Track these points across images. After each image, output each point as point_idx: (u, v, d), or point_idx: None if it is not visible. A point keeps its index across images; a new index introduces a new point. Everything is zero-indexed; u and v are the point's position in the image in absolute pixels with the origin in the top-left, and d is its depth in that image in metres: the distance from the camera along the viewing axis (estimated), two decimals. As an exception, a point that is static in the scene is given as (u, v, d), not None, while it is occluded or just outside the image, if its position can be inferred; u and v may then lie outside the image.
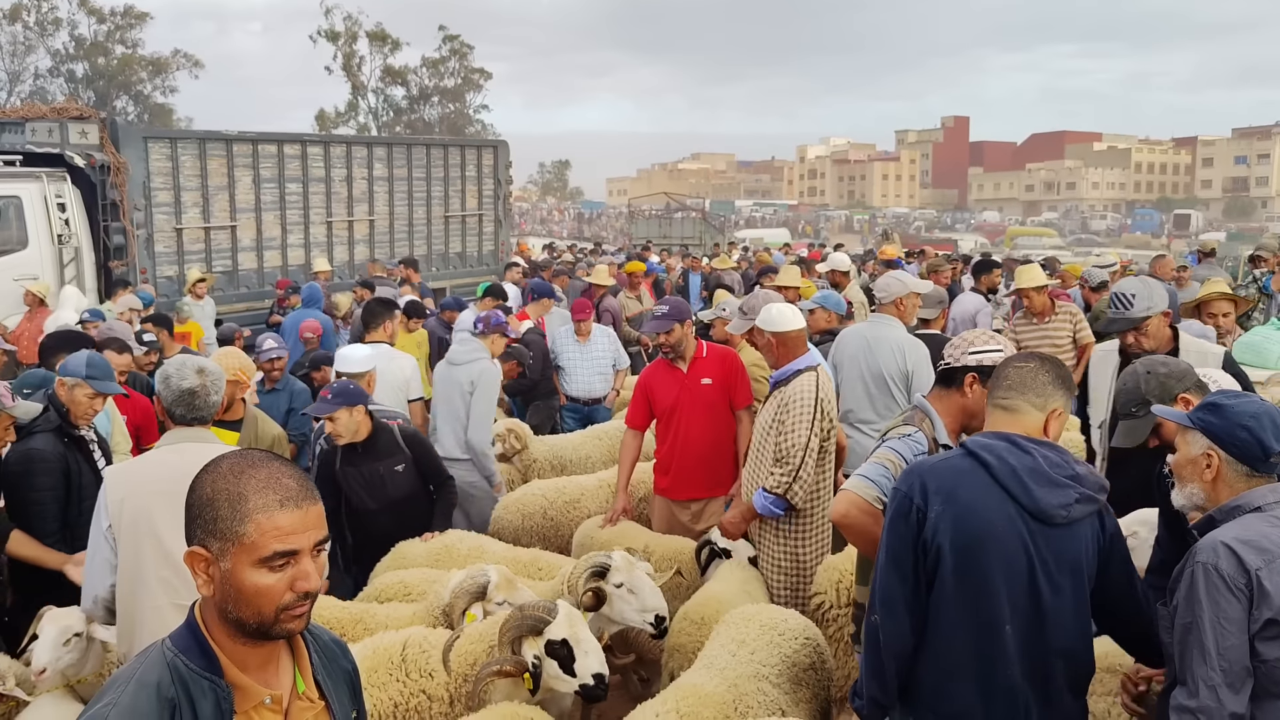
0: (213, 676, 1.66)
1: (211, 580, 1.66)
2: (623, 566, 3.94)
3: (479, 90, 59.93)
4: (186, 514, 1.68)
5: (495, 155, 17.72)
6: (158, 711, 1.60)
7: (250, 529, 1.62)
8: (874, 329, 5.83)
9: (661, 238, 29.82)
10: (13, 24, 51.64)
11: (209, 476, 1.68)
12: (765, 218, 67.27)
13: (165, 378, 3.40)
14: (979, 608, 2.49)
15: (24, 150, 11.77)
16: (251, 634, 1.67)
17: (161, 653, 1.68)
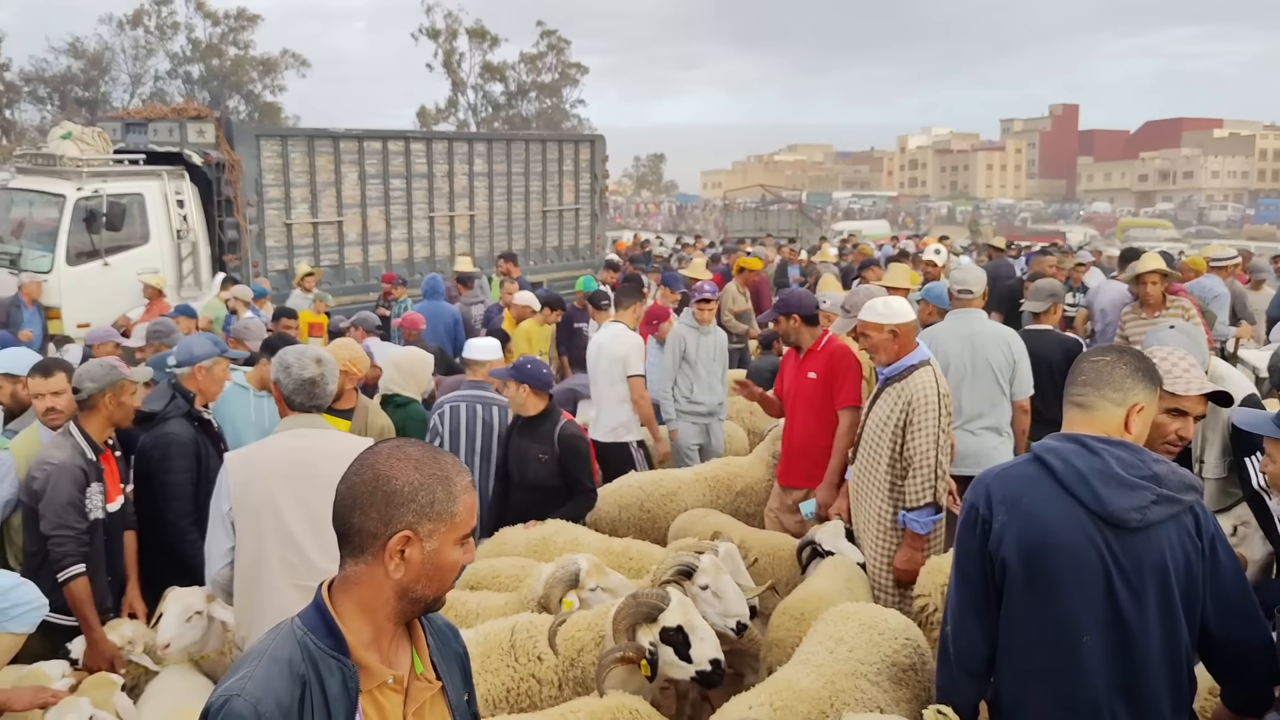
0: (340, 656, 1.71)
1: (407, 563, 1.71)
2: (709, 569, 3.92)
3: (575, 85, 60.48)
4: (388, 501, 1.70)
5: (592, 149, 17.87)
6: (290, 687, 1.65)
7: (460, 509, 1.74)
8: (968, 324, 5.67)
9: (757, 230, 29.63)
10: (134, 29, 54.16)
11: (405, 464, 1.72)
12: (864, 209, 66.10)
13: (285, 366, 3.52)
14: (1052, 619, 2.39)
15: (146, 149, 12.35)
16: (421, 610, 1.78)
17: (291, 631, 1.73)
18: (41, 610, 3.02)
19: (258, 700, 1.62)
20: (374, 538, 1.70)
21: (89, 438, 4.09)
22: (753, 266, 10.70)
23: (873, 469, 4.55)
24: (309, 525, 3.41)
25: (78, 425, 4.11)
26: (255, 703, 1.62)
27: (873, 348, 4.53)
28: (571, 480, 5.15)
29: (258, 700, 1.62)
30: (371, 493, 1.70)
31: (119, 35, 54.01)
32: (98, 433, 4.13)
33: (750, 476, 6.02)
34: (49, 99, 53.40)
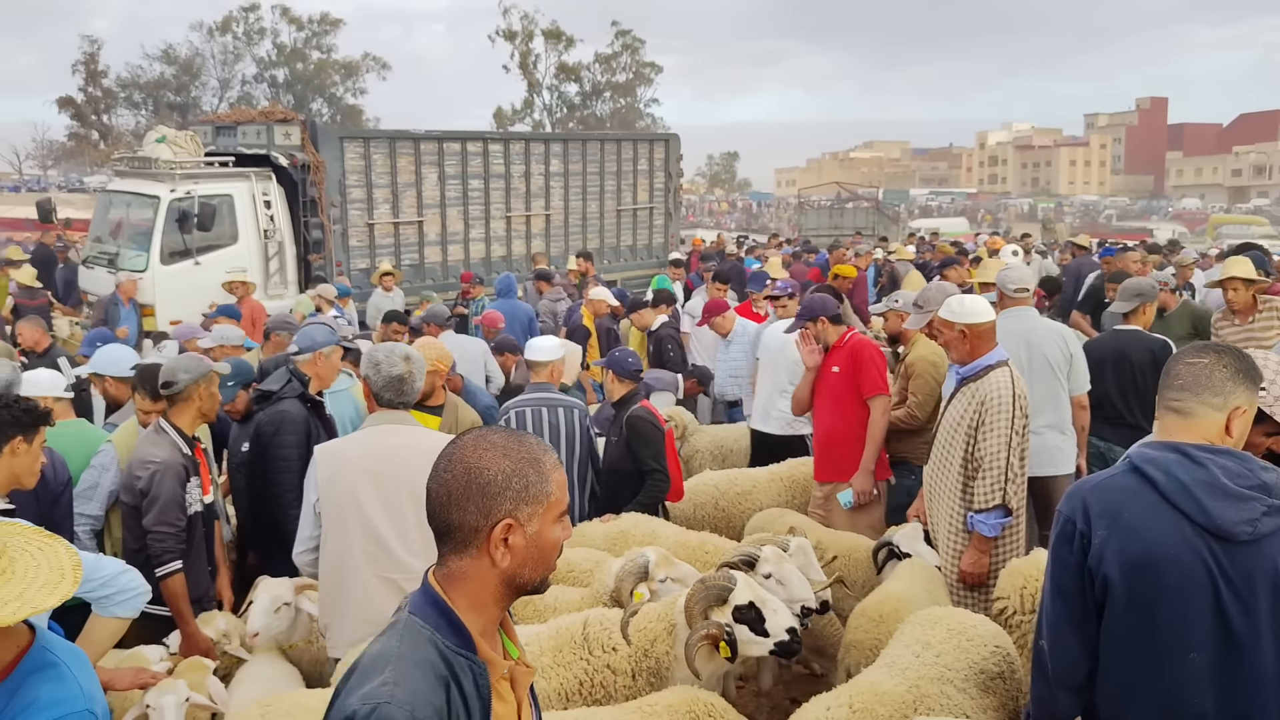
0: (470, 654, 1.70)
1: (511, 550, 1.70)
2: (771, 559, 3.95)
3: (649, 84, 60.63)
4: (484, 491, 1.69)
5: (666, 149, 17.91)
6: (439, 689, 1.62)
7: (553, 487, 1.74)
8: (1021, 320, 5.56)
9: (832, 228, 29.34)
10: (223, 35, 55.91)
11: (493, 453, 1.71)
12: (942, 206, 64.96)
13: (376, 364, 3.62)
14: (1157, 635, 2.31)
15: (235, 152, 12.75)
16: (528, 592, 1.77)
17: (418, 631, 1.69)
18: (145, 596, 3.15)
19: (414, 707, 1.57)
20: (476, 531, 1.70)
21: (181, 432, 4.23)
22: (847, 274, 10.45)
23: (946, 470, 4.49)
24: (391, 519, 3.50)
25: (169, 420, 4.24)
26: (411, 710, 1.57)
27: (945, 345, 4.52)
28: (638, 461, 5.22)
29: (414, 707, 1.57)
30: (466, 487, 1.70)
31: (209, 41, 55.90)
32: (189, 426, 4.26)
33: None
34: (143, 104, 55.47)
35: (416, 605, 1.74)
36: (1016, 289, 5.70)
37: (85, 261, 12.89)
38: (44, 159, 63.59)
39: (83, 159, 58.43)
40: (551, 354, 5.47)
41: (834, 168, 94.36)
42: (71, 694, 1.80)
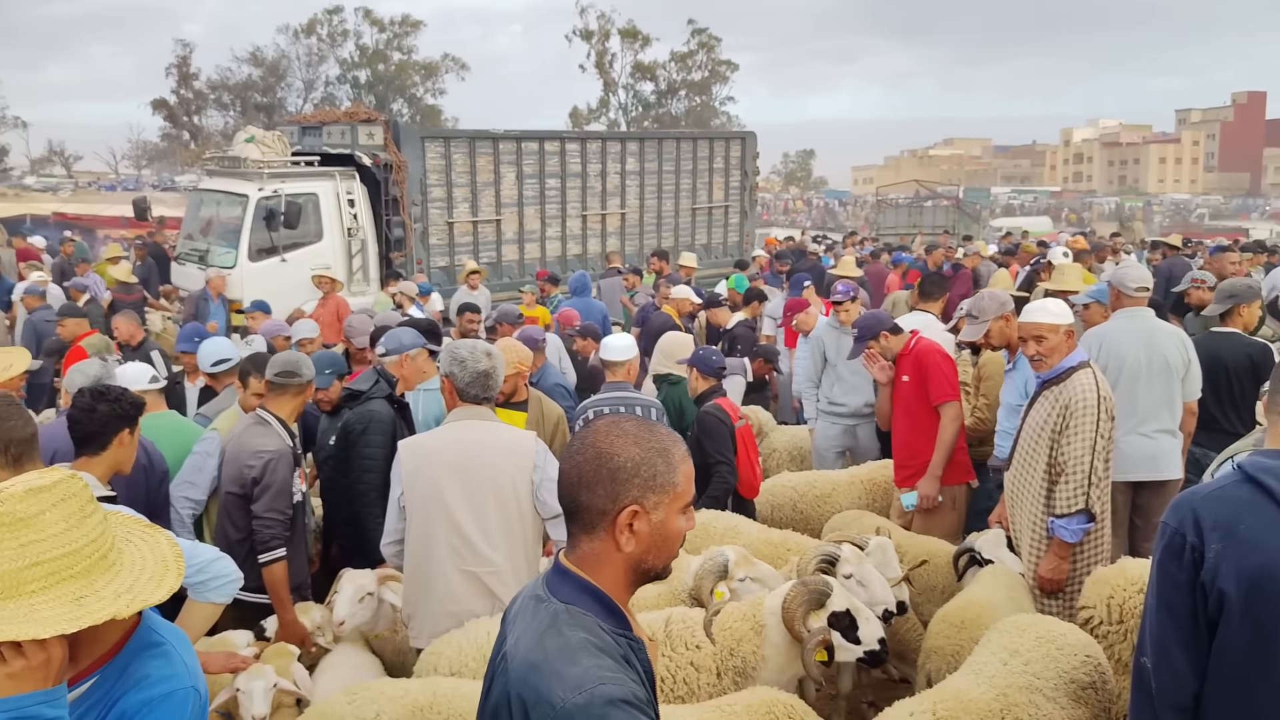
0: (629, 634, 1.75)
1: (636, 536, 1.74)
2: (852, 559, 3.92)
3: (725, 82, 60.40)
4: (613, 478, 1.73)
5: (743, 147, 17.83)
6: (623, 669, 1.67)
7: (680, 478, 1.77)
8: (1141, 321, 5.39)
9: (911, 227, 28.87)
10: (308, 37, 57.29)
11: (625, 440, 1.76)
12: (1024, 205, 63.47)
13: (459, 360, 3.67)
14: (1276, 653, 2.18)
15: (320, 151, 13.05)
16: (651, 579, 1.81)
17: (582, 618, 1.72)
18: (237, 583, 3.23)
19: (624, 684, 1.62)
20: (603, 514, 1.74)
21: (284, 423, 4.34)
22: None
23: (1029, 474, 4.38)
24: (474, 514, 3.55)
25: (270, 411, 4.34)
26: (626, 685, 1.62)
27: (1048, 351, 4.29)
28: (703, 455, 5.22)
29: (624, 684, 1.62)
30: (596, 470, 1.74)
31: (294, 44, 57.32)
32: (290, 418, 4.39)
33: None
34: (231, 105, 57.15)
35: (566, 594, 1.76)
36: (1138, 287, 5.47)
37: (177, 258, 13.33)
38: (138, 159, 66.01)
39: (174, 159, 60.53)
40: (626, 353, 5.49)
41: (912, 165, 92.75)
42: (178, 671, 1.85)
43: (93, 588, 1.69)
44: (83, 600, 1.67)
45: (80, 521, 1.73)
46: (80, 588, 1.68)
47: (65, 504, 1.71)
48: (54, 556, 1.67)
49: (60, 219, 26.37)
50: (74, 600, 1.66)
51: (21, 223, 24.54)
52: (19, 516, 1.66)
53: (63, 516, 1.70)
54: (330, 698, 3.34)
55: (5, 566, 1.63)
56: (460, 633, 3.54)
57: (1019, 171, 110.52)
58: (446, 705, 3.14)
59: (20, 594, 1.63)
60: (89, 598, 1.68)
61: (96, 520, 1.77)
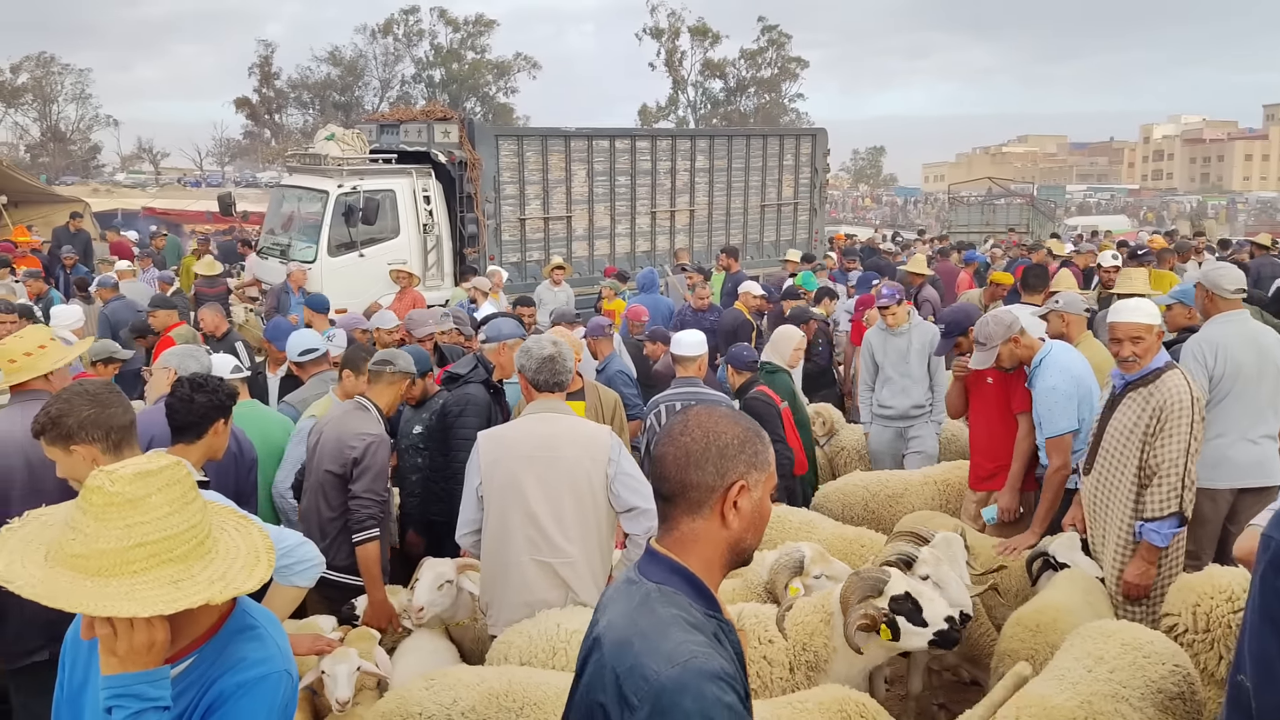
0: (718, 616, 1.79)
1: (739, 513, 1.79)
2: (930, 560, 3.89)
3: (795, 79, 59.98)
4: (722, 454, 1.77)
5: (814, 144, 17.70)
6: (715, 646, 1.70)
7: (772, 459, 1.86)
8: (1245, 324, 5.20)
9: (983, 225, 28.33)
10: (385, 37, 58.34)
11: (726, 420, 1.82)
12: (1101, 203, 61.84)
13: (526, 350, 3.76)
14: None
15: (397, 149, 13.30)
16: (743, 561, 1.86)
17: (673, 597, 1.76)
18: (320, 567, 3.34)
19: (715, 659, 1.65)
20: (711, 491, 1.78)
21: (381, 411, 4.47)
22: (1005, 282, 10.05)
23: (1115, 479, 4.29)
24: (550, 505, 3.61)
25: (369, 399, 4.48)
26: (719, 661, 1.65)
27: (1144, 352, 4.20)
28: None
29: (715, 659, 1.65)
30: (705, 449, 1.78)
31: (371, 43, 58.41)
32: (387, 408, 4.54)
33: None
34: (311, 104, 58.48)
35: (657, 575, 1.80)
36: (1235, 289, 5.21)
37: (259, 252, 13.69)
38: (221, 156, 67.89)
39: (255, 156, 62.11)
40: (697, 349, 5.52)
41: (985, 163, 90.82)
42: (272, 654, 1.92)
43: (189, 572, 1.76)
44: (180, 584, 1.73)
45: (182, 507, 1.80)
46: (178, 571, 1.75)
47: (170, 489, 1.78)
48: (156, 539, 1.73)
49: (150, 214, 27.29)
50: (172, 583, 1.72)
51: (113, 217, 25.46)
52: (128, 498, 1.73)
53: (167, 501, 1.77)
54: (409, 683, 3.44)
55: (112, 545, 1.70)
56: (531, 623, 3.60)
57: (1095, 169, 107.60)
58: (522, 693, 3.20)
59: (123, 573, 1.70)
60: (185, 582, 1.74)
61: (196, 507, 1.84)
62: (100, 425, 2.97)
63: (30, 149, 58.68)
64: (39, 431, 3.00)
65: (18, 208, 20.64)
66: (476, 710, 3.18)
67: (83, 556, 1.70)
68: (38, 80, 58.49)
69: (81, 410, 2.96)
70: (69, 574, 1.70)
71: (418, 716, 3.23)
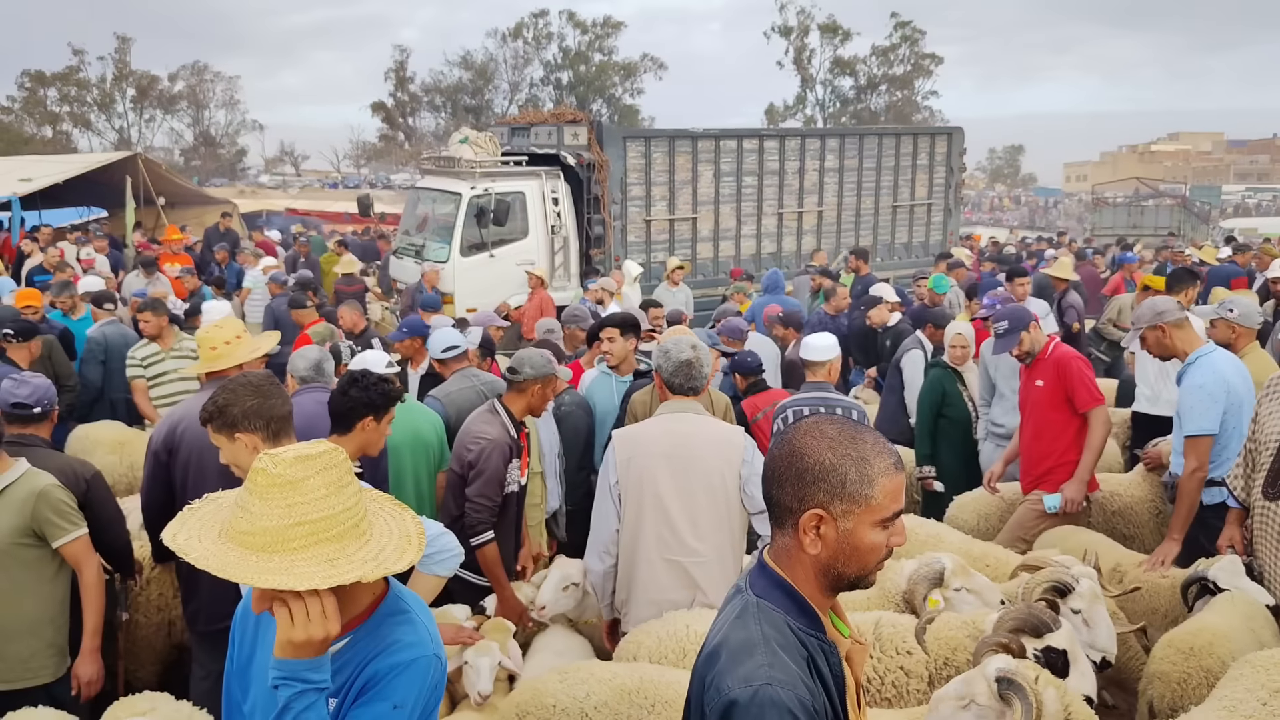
0: (820, 634, 1.75)
1: (822, 539, 1.74)
2: (1087, 595, 3.67)
3: (928, 76, 58.52)
4: (801, 478, 1.73)
5: (949, 142, 17.25)
6: (804, 669, 1.69)
7: (877, 491, 1.73)
8: None
9: (1130, 228, 27.06)
10: (515, 40, 59.55)
11: (820, 442, 1.75)
12: (1261, 205, 58.12)
13: (665, 352, 3.78)
14: None
15: (528, 151, 13.56)
16: (845, 586, 1.78)
17: (771, 613, 1.75)
18: (459, 557, 3.44)
19: (794, 687, 1.64)
20: (789, 512, 1.75)
21: (512, 415, 4.54)
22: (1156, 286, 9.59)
23: None
24: (683, 504, 3.62)
25: (502, 403, 4.57)
26: (793, 689, 1.63)
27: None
28: None
29: (794, 687, 1.64)
30: (787, 468, 1.75)
31: (502, 47, 59.72)
32: (519, 413, 4.58)
33: (1129, 496, 5.52)
34: (443, 107, 60.21)
35: (760, 587, 1.79)
36: None
37: (395, 252, 14.18)
38: (358, 159, 70.61)
39: (390, 158, 64.36)
40: (828, 353, 5.42)
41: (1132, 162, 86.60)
42: (423, 639, 1.99)
43: (344, 552, 1.84)
44: (335, 562, 1.82)
45: (340, 490, 1.89)
46: (334, 550, 1.83)
47: (328, 472, 1.88)
48: (314, 519, 1.83)
49: (292, 214, 28.64)
50: (327, 561, 1.81)
51: (259, 217, 26.81)
52: (289, 479, 1.83)
53: (325, 483, 1.86)
54: (543, 675, 3.49)
55: (273, 523, 1.81)
56: (659, 623, 3.62)
57: (1255, 168, 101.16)
58: (653, 690, 3.22)
59: (283, 549, 1.80)
60: (340, 560, 1.83)
61: (353, 491, 1.92)
62: (262, 415, 3.13)
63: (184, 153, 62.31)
64: (206, 419, 3.19)
65: (174, 209, 21.95)
66: (609, 705, 3.21)
67: (249, 533, 1.81)
68: (192, 88, 62.03)
69: (246, 400, 3.13)
70: (237, 549, 1.81)
71: (551, 708, 3.28)
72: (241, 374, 3.46)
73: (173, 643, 4.72)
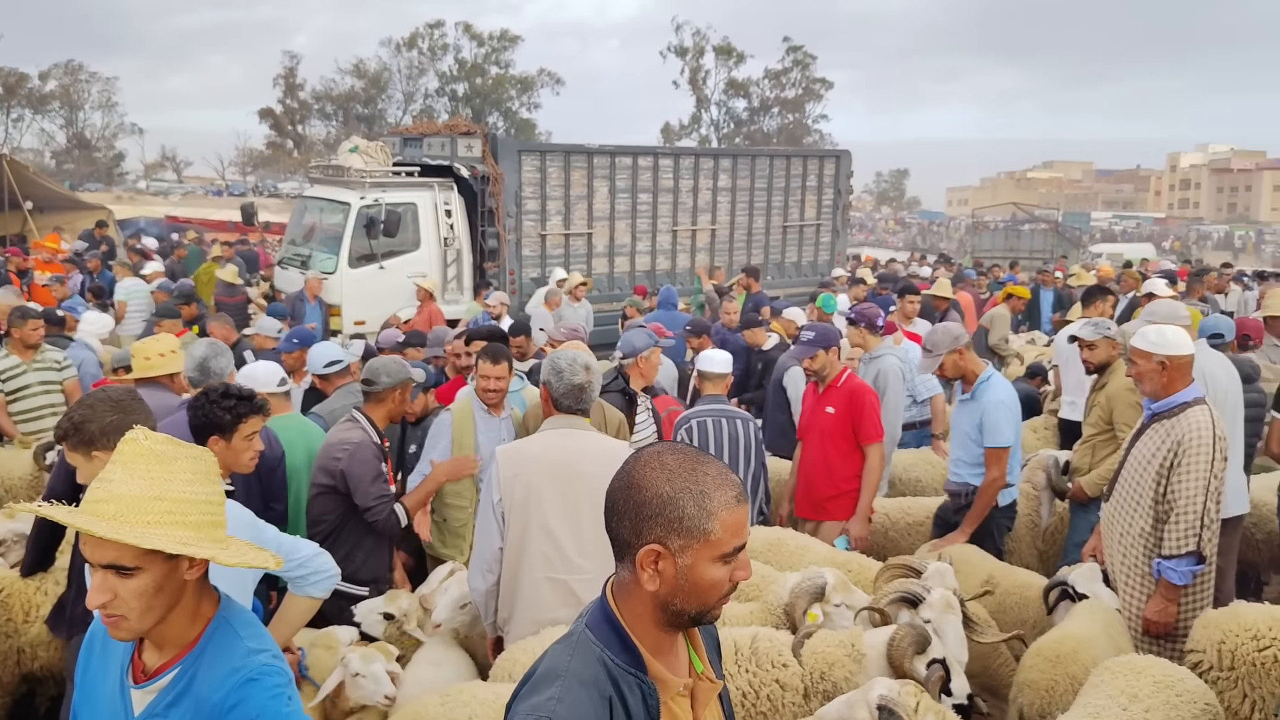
0: (639, 673, 1.67)
1: (660, 575, 1.65)
2: (938, 605, 3.77)
3: (819, 100, 60.06)
4: (638, 512, 1.65)
5: (837, 165, 17.70)
6: (599, 709, 1.62)
7: (716, 526, 1.63)
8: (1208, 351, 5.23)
9: (1008, 251, 28.24)
10: (410, 50, 58.82)
11: (660, 474, 1.66)
12: (1127, 231, 61.52)
13: (558, 372, 3.73)
14: None
15: (420, 162, 13.37)
16: (682, 625, 1.70)
17: (589, 646, 1.69)
18: (335, 578, 3.32)
19: None
20: (628, 546, 1.67)
21: (374, 424, 4.47)
22: (1021, 294, 10.08)
23: (1131, 511, 4.24)
24: (568, 521, 3.58)
25: (363, 413, 4.49)
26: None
27: (1138, 376, 4.22)
28: None
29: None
30: (625, 501, 1.67)
31: (396, 56, 58.90)
32: (381, 420, 4.54)
33: (1004, 509, 5.72)
34: (334, 115, 58.99)
35: (593, 620, 1.73)
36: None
37: (280, 262, 13.77)
38: (244, 166, 68.53)
39: (278, 166, 62.69)
40: (725, 366, 5.51)
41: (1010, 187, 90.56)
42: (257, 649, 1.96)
43: (198, 538, 1.83)
44: (188, 544, 1.80)
45: (205, 481, 1.89)
46: (189, 536, 1.81)
47: (197, 461, 1.89)
48: (175, 497, 1.81)
49: (172, 221, 27.56)
50: (180, 544, 1.79)
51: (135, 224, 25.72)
52: (157, 454, 1.84)
53: (192, 470, 1.87)
54: (423, 699, 3.40)
55: (133, 491, 1.78)
56: (536, 640, 3.54)
57: (1121, 196, 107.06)
58: (537, 711, 3.16)
59: (138, 520, 1.77)
60: (193, 545, 1.81)
61: (218, 491, 1.92)
62: (122, 431, 2.96)
63: (55, 155, 59.46)
64: (61, 436, 3.02)
65: (43, 213, 20.91)
66: (492, 728, 3.15)
67: (103, 501, 1.78)
68: (65, 88, 59.32)
69: (105, 416, 2.97)
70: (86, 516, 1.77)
71: (432, 731, 3.20)
72: (101, 389, 3.29)
73: (22, 671, 4.43)
